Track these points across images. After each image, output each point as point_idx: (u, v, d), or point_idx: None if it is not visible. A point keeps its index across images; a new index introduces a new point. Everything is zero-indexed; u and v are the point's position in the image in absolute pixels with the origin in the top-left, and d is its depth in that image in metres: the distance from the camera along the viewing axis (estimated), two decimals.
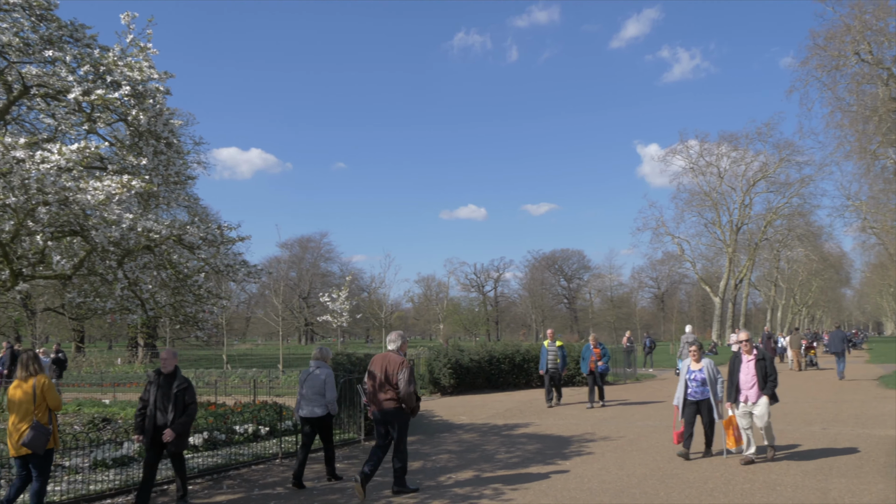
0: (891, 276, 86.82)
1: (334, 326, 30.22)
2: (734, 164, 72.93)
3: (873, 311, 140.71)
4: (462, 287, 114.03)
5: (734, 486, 8.77)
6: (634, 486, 8.91)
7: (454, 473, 10.00)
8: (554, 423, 14.96)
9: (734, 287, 75.25)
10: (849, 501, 7.98)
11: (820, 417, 14.88)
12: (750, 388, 10.28)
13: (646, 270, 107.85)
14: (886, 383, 22.08)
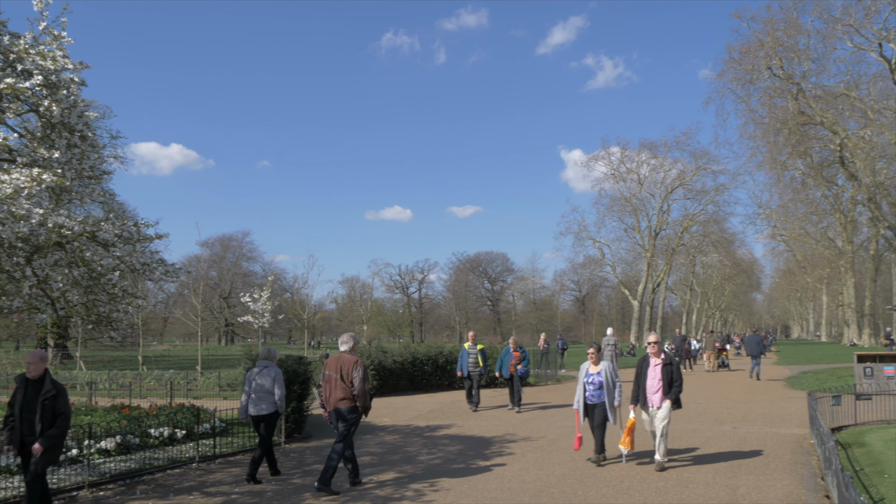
0: (798, 282, 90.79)
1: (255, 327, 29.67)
2: (653, 171, 75.07)
3: (782, 315, 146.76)
4: (386, 288, 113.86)
5: (649, 485, 9.00)
6: (553, 486, 9.05)
7: (376, 475, 9.96)
8: (476, 424, 15.07)
9: (652, 291, 77.37)
10: (755, 497, 8.29)
11: (731, 417, 15.42)
12: (655, 392, 10.11)
13: (568, 274, 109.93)
14: (793, 384, 23.07)
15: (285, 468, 10.52)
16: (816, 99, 50.05)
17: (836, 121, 49.77)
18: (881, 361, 19.01)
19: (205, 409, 13.36)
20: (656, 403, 10.05)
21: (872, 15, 49.91)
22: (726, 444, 11.86)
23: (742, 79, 53.11)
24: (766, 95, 53.27)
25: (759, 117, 53.97)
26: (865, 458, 10.51)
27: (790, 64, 51.26)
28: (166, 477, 10.20)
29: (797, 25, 50.82)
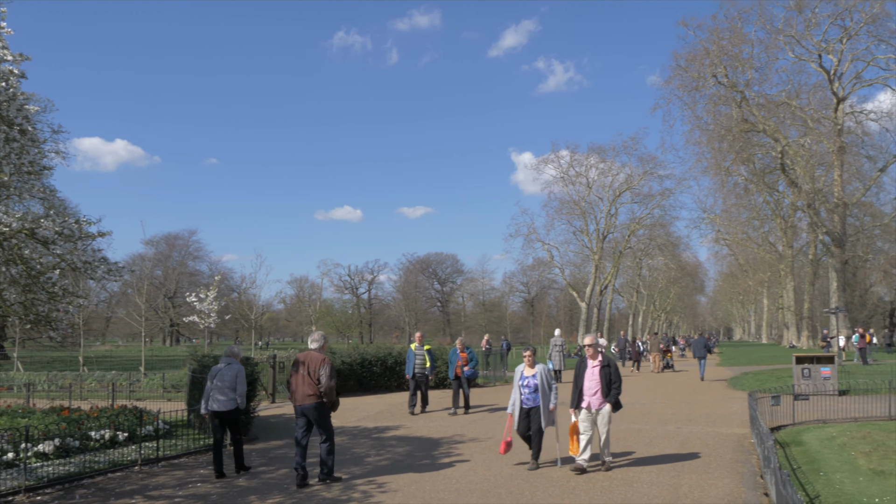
0: (740, 285, 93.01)
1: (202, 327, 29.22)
2: (602, 175, 76.00)
3: (724, 317, 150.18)
4: (336, 289, 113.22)
5: (595, 484, 9.12)
6: (501, 486, 9.10)
7: None
8: (424, 425, 15.07)
9: (599, 293, 78.34)
10: (698, 496, 8.47)
11: (675, 417, 15.71)
12: (593, 394, 9.94)
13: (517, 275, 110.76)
14: (734, 385, 23.60)
15: (229, 470, 10.37)
16: (759, 107, 51.36)
17: (777, 129, 51.13)
18: (818, 363, 19.59)
19: (148, 411, 13.08)
20: (595, 406, 9.93)
21: (812, 27, 51.52)
22: (670, 444, 12.08)
23: (688, 86, 54.25)
24: (712, 102, 54.47)
25: (705, 124, 55.18)
26: (802, 456, 10.82)
27: (734, 72, 52.51)
28: (107, 481, 9.96)
29: (741, 35, 52.12)
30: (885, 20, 49.29)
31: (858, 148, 53.68)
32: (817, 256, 60.66)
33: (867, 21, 49.15)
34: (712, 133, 53.63)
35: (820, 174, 53.55)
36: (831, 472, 9.41)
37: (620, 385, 10.02)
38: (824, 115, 50.73)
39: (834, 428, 13.39)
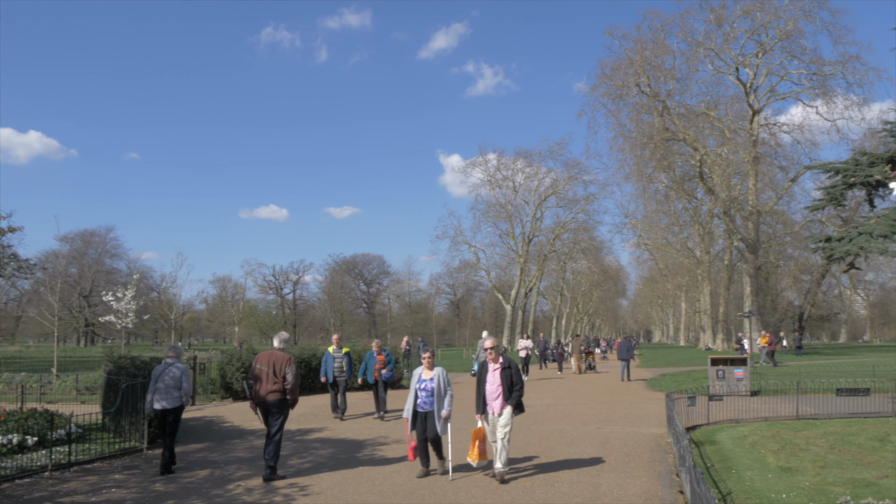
0: (660, 289, 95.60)
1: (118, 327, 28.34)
2: (528, 179, 77.15)
3: (645, 320, 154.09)
4: (260, 289, 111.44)
5: (517, 484, 9.23)
6: (424, 488, 9.12)
7: (244, 481, 9.70)
8: (348, 427, 14.97)
9: (525, 295, 79.40)
10: (616, 494, 8.67)
11: (595, 418, 16.03)
12: (495, 398, 9.62)
13: (443, 277, 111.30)
14: (653, 386, 24.25)
15: (147, 475, 10.08)
16: (680, 116, 53.02)
17: (696, 138, 52.88)
18: (732, 364, 20.31)
19: (60, 415, 12.59)
20: (496, 409, 9.59)
21: (731, 41, 53.50)
22: (591, 444, 12.32)
23: (613, 94, 55.61)
24: (635, 111, 55.97)
25: (628, 131, 56.65)
26: (716, 455, 11.20)
27: (657, 82, 54.08)
28: (14, 487, 9.54)
29: (664, 46, 53.73)
30: (798, 37, 51.65)
31: (772, 158, 56.07)
32: (732, 262, 62.93)
33: (781, 38, 51.36)
34: (635, 140, 55.10)
35: (736, 183, 55.58)
36: (742, 470, 9.77)
37: (522, 387, 9.76)
38: (740, 127, 52.75)
39: (745, 427, 13.91)
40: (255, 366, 9.99)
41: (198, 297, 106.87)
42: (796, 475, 9.34)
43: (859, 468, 9.72)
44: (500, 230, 79.16)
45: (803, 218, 58.62)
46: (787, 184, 55.52)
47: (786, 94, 54.28)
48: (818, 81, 52.04)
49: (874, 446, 11.38)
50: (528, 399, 20.12)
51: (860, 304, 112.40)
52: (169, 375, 10.52)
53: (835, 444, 11.61)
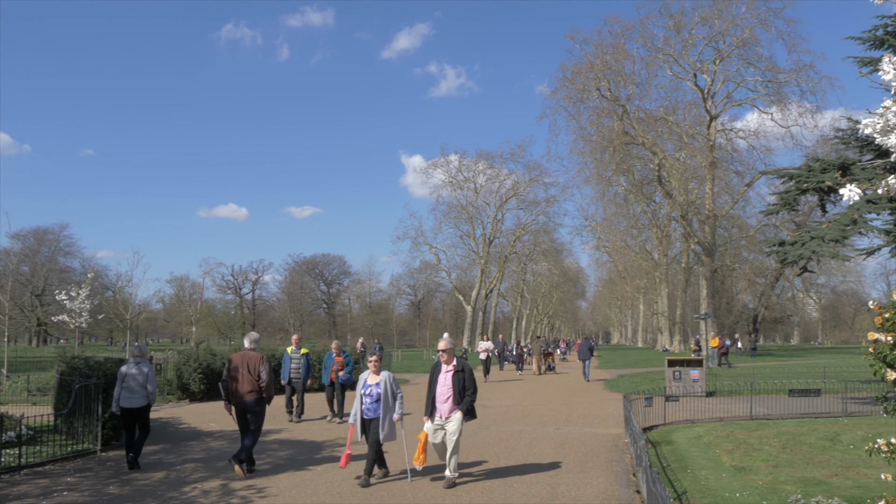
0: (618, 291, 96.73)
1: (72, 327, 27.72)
2: (489, 180, 77.42)
3: (603, 322, 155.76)
4: (218, 289, 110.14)
5: (476, 485, 9.25)
6: (383, 489, 9.10)
7: (200, 483, 9.57)
8: (307, 429, 14.87)
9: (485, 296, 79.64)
10: (574, 494, 8.74)
11: (554, 418, 16.16)
12: (445, 400, 9.30)
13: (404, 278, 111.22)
14: (611, 387, 24.52)
15: (101, 478, 9.90)
16: (639, 121, 53.70)
17: (655, 142, 53.64)
18: (688, 366, 20.63)
19: (9, 416, 12.29)
20: (445, 413, 9.28)
21: (689, 47, 54.37)
22: (549, 445, 12.41)
23: (573, 97, 56.10)
24: (595, 115, 56.55)
25: (588, 135, 57.22)
26: (672, 454, 11.36)
27: (617, 86, 54.71)
28: None
29: (624, 51, 54.38)
30: (754, 45, 52.73)
31: (728, 163, 57.09)
32: (689, 265, 63.93)
33: (738, 45, 52.36)
34: (595, 144, 55.70)
35: (693, 187, 56.51)
36: (698, 469, 9.93)
37: (475, 392, 9.38)
38: (698, 132, 53.63)
39: (701, 427, 14.15)
40: (230, 367, 10.36)
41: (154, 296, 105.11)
42: (749, 474, 9.52)
43: (810, 467, 9.94)
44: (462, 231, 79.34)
45: (758, 222, 59.83)
46: (742, 188, 56.56)
47: (742, 101, 55.35)
48: (773, 88, 53.16)
49: (824, 446, 11.66)
50: (489, 400, 20.26)
51: (812, 307, 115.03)
52: (135, 375, 10.74)
53: (787, 444, 11.87)
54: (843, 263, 63.25)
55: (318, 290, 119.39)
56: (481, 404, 19.14)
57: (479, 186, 77.32)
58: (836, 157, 19.35)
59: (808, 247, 15.74)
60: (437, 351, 9.67)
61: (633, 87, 54.81)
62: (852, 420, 14.81)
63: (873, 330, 6.43)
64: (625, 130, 53.74)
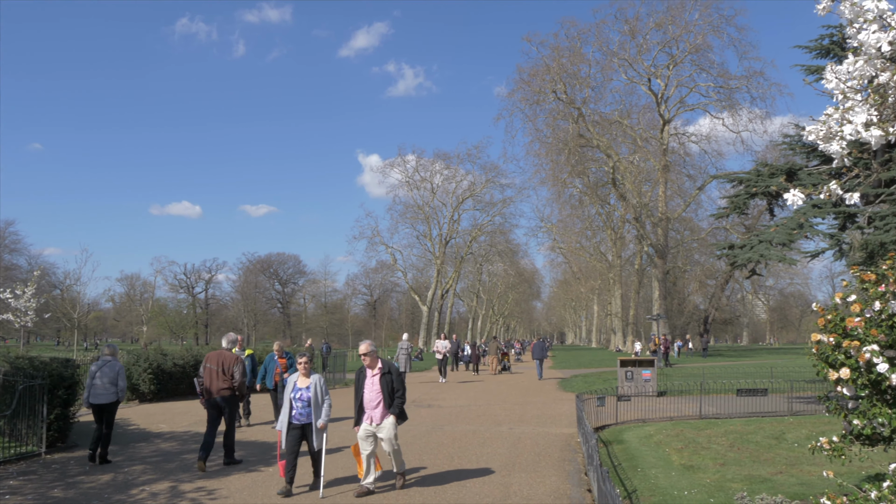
0: (573, 292, 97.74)
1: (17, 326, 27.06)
2: (446, 181, 77.52)
3: (558, 322, 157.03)
4: (170, 287, 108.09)
5: (430, 485, 9.26)
6: (334, 491, 9.05)
7: (149, 485, 9.41)
8: (259, 430, 14.72)
9: (441, 297, 79.74)
10: (527, 493, 8.81)
11: (508, 418, 16.25)
12: (374, 406, 8.98)
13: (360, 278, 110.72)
14: (564, 387, 24.75)
15: (45, 481, 9.66)
16: (594, 124, 54.35)
17: (610, 145, 54.34)
18: (640, 366, 20.93)
19: None
20: (376, 419, 8.97)
21: (644, 52, 55.20)
22: (503, 444, 12.48)
23: (530, 99, 56.54)
24: (551, 117, 57.08)
25: (544, 137, 57.73)
26: (623, 453, 11.51)
27: (573, 89, 55.28)
28: None
29: (580, 54, 54.97)
30: (707, 51, 53.77)
31: (681, 167, 58.14)
32: (643, 266, 64.86)
33: (691, 51, 53.31)
34: (551, 146, 56.22)
35: (646, 190, 57.35)
36: (648, 468, 10.08)
37: (404, 393, 9.14)
38: (652, 135, 54.49)
39: (652, 426, 14.36)
40: (206, 365, 10.84)
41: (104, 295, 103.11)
42: (698, 472, 9.70)
43: (756, 465, 10.17)
44: (418, 231, 79.30)
45: (709, 225, 60.99)
46: (694, 192, 57.61)
47: (694, 106, 56.40)
48: (725, 94, 54.28)
49: (770, 444, 11.93)
50: (443, 400, 20.29)
51: (761, 309, 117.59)
52: (106, 373, 11.24)
53: (734, 443, 12.12)
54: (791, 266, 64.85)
55: (272, 289, 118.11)
56: (436, 405, 19.21)
57: (436, 187, 77.40)
58: (784, 162, 19.84)
59: (757, 250, 16.09)
60: (360, 356, 9.19)
61: (589, 90, 55.51)
62: (797, 419, 15.20)
63: (817, 331, 6.59)
64: (580, 133, 54.32)
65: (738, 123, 54.13)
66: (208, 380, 10.70)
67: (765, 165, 19.02)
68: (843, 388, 6.26)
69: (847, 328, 6.23)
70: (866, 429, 6.26)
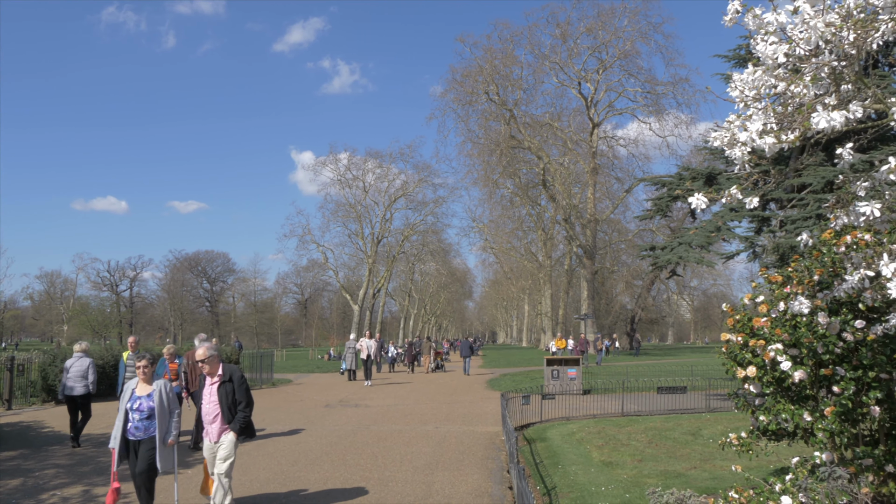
0: (504, 292, 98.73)
1: None
2: (378, 179, 77.15)
3: (490, 322, 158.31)
4: (93, 285, 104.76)
5: (352, 485, 9.23)
6: (255, 491, 8.95)
7: (60, 490, 9.12)
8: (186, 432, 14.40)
9: (373, 296, 79.37)
10: (448, 491, 8.87)
11: (435, 417, 16.31)
12: (213, 420, 7.50)
13: (291, 276, 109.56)
14: (493, 386, 24.98)
15: None
16: (526, 126, 54.98)
17: (541, 147, 55.06)
18: (566, 365, 21.28)
19: None
20: (214, 435, 7.50)
21: (574, 56, 56.09)
22: (428, 443, 12.52)
23: (463, 100, 56.84)
24: (483, 118, 57.50)
25: (476, 137, 58.14)
26: (546, 451, 11.69)
27: (505, 91, 55.82)
28: None
29: (513, 56, 55.53)
30: (635, 57, 55.03)
31: (609, 170, 59.35)
32: (572, 267, 65.93)
33: (620, 56, 54.45)
34: (483, 146, 56.67)
35: (576, 191, 58.35)
36: (568, 465, 10.27)
37: (249, 405, 7.58)
38: (582, 138, 55.46)
39: (575, 424, 14.63)
40: (187, 362, 12.80)
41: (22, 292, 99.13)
42: (616, 469, 9.93)
43: (672, 461, 10.47)
44: (350, 230, 78.65)
45: (637, 227, 62.38)
46: (622, 194, 58.85)
47: (623, 110, 57.61)
48: (652, 99, 55.61)
49: (687, 440, 12.30)
50: (371, 400, 20.23)
51: (686, 309, 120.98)
52: (77, 367, 12.76)
53: (653, 439, 12.44)
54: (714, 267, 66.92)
55: (200, 287, 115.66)
56: (364, 404, 19.13)
57: (368, 185, 76.94)
58: (707, 166, 20.45)
59: (677, 252, 16.56)
60: (196, 360, 7.72)
61: (521, 92, 56.11)
62: (714, 415, 15.70)
63: (727, 331, 6.83)
64: (512, 134, 54.88)
65: (664, 128, 55.57)
66: (192, 376, 12.66)
67: (687, 169, 19.60)
68: (749, 386, 6.51)
69: (754, 328, 6.48)
70: (772, 424, 6.52)
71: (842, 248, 5.46)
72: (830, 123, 3.49)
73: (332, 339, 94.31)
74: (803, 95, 3.91)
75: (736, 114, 4.20)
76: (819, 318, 5.82)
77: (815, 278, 6.07)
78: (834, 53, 3.88)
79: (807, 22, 3.57)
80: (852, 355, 6.00)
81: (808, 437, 6.44)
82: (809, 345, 5.94)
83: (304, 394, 22.66)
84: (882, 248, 4.34)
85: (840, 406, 5.94)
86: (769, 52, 3.82)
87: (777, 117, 4.05)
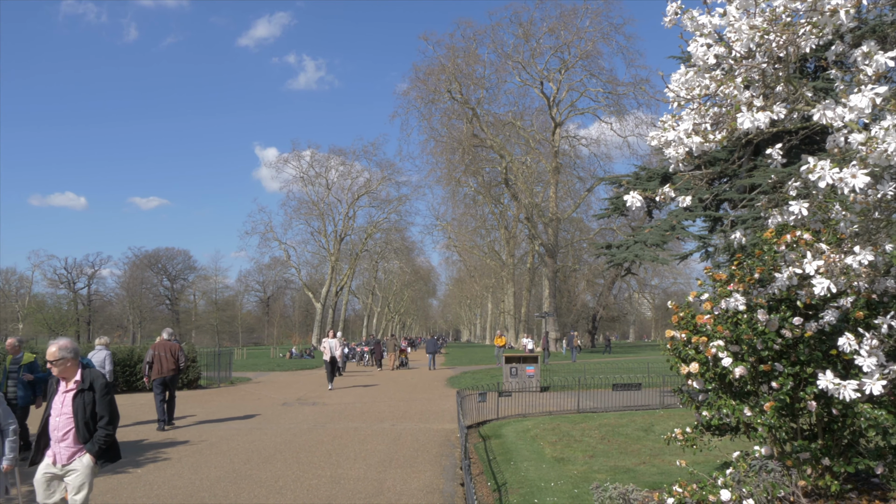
0: (468, 290, 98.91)
1: None
2: (342, 177, 77.02)
3: (454, 320, 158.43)
4: (49, 283, 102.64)
5: (303, 483, 9.19)
6: (206, 489, 8.86)
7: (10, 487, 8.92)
8: (133, 429, 14.22)
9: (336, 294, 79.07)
10: (400, 488, 8.88)
11: (392, 415, 16.30)
12: (62, 438, 5.79)
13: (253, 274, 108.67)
14: (452, 383, 25.03)
15: None
16: (488, 124, 55.15)
17: (503, 146, 55.27)
18: (524, 362, 21.41)
19: None
20: (64, 458, 5.78)
21: (537, 55, 56.38)
22: (383, 441, 12.52)
23: (426, 98, 56.84)
24: (446, 116, 57.56)
25: (439, 135, 58.17)
26: (500, 447, 11.76)
27: (468, 89, 55.91)
28: None
29: (475, 55, 55.66)
30: (597, 58, 55.48)
31: (571, 169, 59.78)
32: (534, 265, 66.36)
33: (582, 56, 54.84)
34: (446, 145, 56.72)
35: (538, 190, 58.71)
36: (520, 461, 10.35)
37: (113, 421, 5.91)
38: (544, 137, 55.81)
39: (531, 421, 14.74)
40: (154, 352, 14.71)
41: None
42: (567, 464, 10.03)
43: (623, 456, 10.60)
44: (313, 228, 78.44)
45: (598, 226, 62.96)
46: (584, 193, 59.36)
47: (585, 110, 58.09)
48: (613, 100, 56.15)
49: (639, 436, 12.47)
50: (329, 398, 20.16)
51: (646, 307, 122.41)
52: (95, 358, 13.90)
53: (605, 435, 12.59)
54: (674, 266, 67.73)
55: (160, 285, 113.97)
56: (321, 402, 19.05)
57: (331, 183, 76.78)
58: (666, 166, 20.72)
59: (632, 250, 16.78)
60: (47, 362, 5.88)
61: (484, 91, 56.27)
62: (667, 411, 15.94)
63: (671, 328, 6.95)
64: (474, 133, 55.02)
65: (625, 128, 56.19)
66: (158, 364, 14.55)
67: (644, 169, 19.84)
68: (693, 382, 6.63)
69: (697, 325, 6.60)
70: (714, 420, 6.65)
71: (782, 247, 5.59)
72: (755, 124, 3.58)
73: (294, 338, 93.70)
74: (735, 97, 3.99)
75: (671, 114, 4.28)
76: (759, 314, 5.96)
77: (756, 276, 6.21)
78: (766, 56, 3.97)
79: (732, 25, 3.65)
80: (791, 351, 6.14)
81: (750, 432, 6.57)
82: (749, 341, 6.06)
83: (262, 392, 22.49)
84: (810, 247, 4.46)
85: (779, 401, 6.08)
86: (700, 54, 3.89)
87: (713, 118, 4.13)
